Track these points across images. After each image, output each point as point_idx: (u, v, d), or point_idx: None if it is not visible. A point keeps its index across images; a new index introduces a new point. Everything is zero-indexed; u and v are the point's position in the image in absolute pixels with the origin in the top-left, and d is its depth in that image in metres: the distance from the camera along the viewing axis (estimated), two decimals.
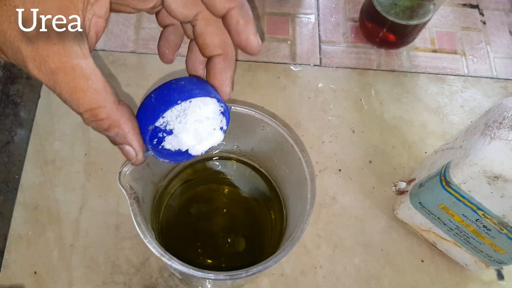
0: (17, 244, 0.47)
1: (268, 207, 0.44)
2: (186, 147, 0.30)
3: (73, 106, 0.24)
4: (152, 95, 0.27)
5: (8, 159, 0.51)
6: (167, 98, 0.27)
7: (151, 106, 0.27)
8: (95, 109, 0.24)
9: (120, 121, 0.25)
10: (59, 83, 0.23)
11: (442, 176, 0.42)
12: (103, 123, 0.25)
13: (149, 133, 0.27)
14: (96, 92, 0.24)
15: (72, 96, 0.24)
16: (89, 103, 0.24)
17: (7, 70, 0.54)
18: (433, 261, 0.50)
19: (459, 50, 0.63)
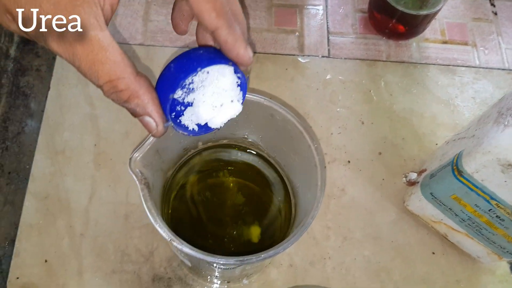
0: (28, 233, 0.48)
1: (276, 197, 0.44)
2: (205, 120, 0.30)
3: (92, 78, 0.25)
4: (171, 65, 0.27)
5: (19, 149, 0.51)
6: (187, 66, 0.27)
7: (170, 76, 0.27)
8: (114, 81, 0.24)
9: (139, 92, 0.25)
10: (78, 56, 0.24)
11: (454, 166, 0.41)
12: (123, 94, 0.25)
13: (170, 102, 0.27)
14: (114, 63, 0.24)
15: (91, 68, 0.24)
16: (108, 74, 0.24)
17: (17, 62, 0.54)
18: (444, 254, 0.50)
19: (470, 41, 0.62)
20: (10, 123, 0.52)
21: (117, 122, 0.53)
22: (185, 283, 0.47)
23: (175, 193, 0.43)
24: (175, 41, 0.58)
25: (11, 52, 0.53)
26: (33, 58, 0.55)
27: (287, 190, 0.43)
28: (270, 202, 0.44)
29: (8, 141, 0.51)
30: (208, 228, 0.44)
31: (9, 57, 0.53)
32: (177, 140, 0.39)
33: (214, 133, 0.42)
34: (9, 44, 0.53)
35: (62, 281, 0.46)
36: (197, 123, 0.30)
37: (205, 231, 0.44)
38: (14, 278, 0.46)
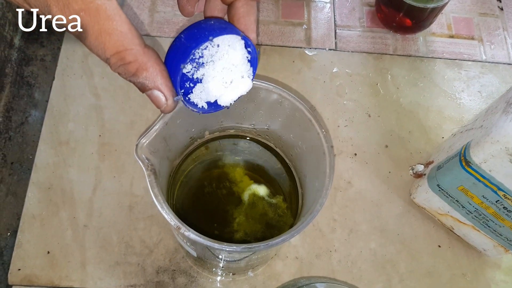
0: (30, 224, 0.47)
1: (283, 187, 0.43)
2: (214, 97, 0.29)
3: (99, 51, 0.24)
4: (182, 36, 0.27)
5: (22, 140, 0.51)
6: (198, 35, 0.26)
7: (181, 46, 0.26)
8: (122, 52, 0.24)
9: (148, 64, 0.25)
10: (84, 27, 0.23)
11: (462, 156, 0.41)
12: (131, 66, 0.24)
13: (180, 73, 0.26)
14: (121, 34, 0.23)
15: (97, 39, 0.23)
16: (115, 45, 0.23)
17: (22, 52, 0.54)
18: (450, 246, 0.50)
19: (476, 36, 0.62)
20: (13, 113, 0.51)
21: (122, 113, 0.53)
22: (189, 275, 0.46)
23: (180, 183, 0.43)
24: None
25: (15, 41, 0.53)
26: (37, 48, 0.55)
27: (294, 180, 0.42)
28: (277, 192, 0.44)
29: (11, 131, 0.51)
30: (214, 220, 0.43)
31: (14, 47, 0.53)
32: (183, 128, 0.39)
33: (220, 122, 0.42)
34: (14, 34, 0.53)
35: (65, 272, 0.45)
36: (207, 101, 0.29)
37: (211, 223, 0.43)
38: (15, 270, 0.45)
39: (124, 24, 0.23)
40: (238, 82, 0.29)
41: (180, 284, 0.46)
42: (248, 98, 0.38)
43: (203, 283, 0.46)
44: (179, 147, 0.41)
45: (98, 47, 0.23)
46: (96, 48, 0.23)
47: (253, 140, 0.44)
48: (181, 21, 0.58)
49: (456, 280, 0.48)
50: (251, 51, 0.29)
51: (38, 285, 0.45)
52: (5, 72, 0.51)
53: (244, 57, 0.28)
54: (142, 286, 0.45)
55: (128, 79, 0.25)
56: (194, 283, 0.46)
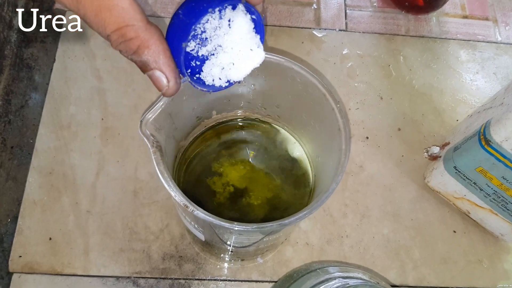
0: (31, 209, 0.46)
1: (295, 169, 0.42)
2: (224, 74, 0.27)
3: (99, 28, 0.23)
4: (179, 12, 0.25)
5: (22, 123, 0.49)
6: (196, 9, 0.24)
7: (180, 23, 0.24)
8: (123, 28, 0.22)
9: (150, 42, 0.23)
10: (82, 3, 0.22)
11: (482, 135, 0.39)
12: (132, 43, 0.23)
13: (183, 53, 0.25)
14: (122, 10, 0.22)
15: (97, 16, 0.22)
16: (116, 21, 0.22)
17: (21, 33, 0.52)
18: (466, 232, 0.48)
19: (490, 17, 0.60)
20: (13, 96, 0.49)
21: (125, 96, 0.51)
22: (196, 262, 0.45)
23: (187, 165, 0.41)
24: None
25: (14, 22, 0.51)
26: (37, 29, 0.53)
27: (306, 161, 0.41)
28: (288, 176, 0.42)
29: (11, 114, 0.49)
30: (222, 203, 0.42)
31: (13, 28, 0.51)
32: (190, 106, 0.37)
33: (228, 101, 0.40)
34: (13, 14, 0.51)
35: (67, 259, 0.44)
36: (217, 77, 0.28)
37: (219, 205, 0.41)
38: (16, 257, 0.44)
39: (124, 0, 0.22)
40: (248, 54, 0.27)
41: (186, 271, 0.44)
42: (257, 73, 0.36)
43: (211, 270, 0.45)
44: (186, 127, 0.39)
45: (98, 24, 0.22)
46: (97, 25, 0.22)
47: (262, 122, 0.42)
48: None
49: (472, 266, 0.46)
50: (255, 18, 0.27)
51: (40, 272, 0.43)
52: (4, 54, 0.50)
53: (250, 26, 0.27)
54: (148, 273, 0.44)
55: (130, 57, 0.24)
56: (201, 269, 0.44)
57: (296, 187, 0.42)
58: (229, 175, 0.43)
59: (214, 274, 0.44)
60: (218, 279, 0.44)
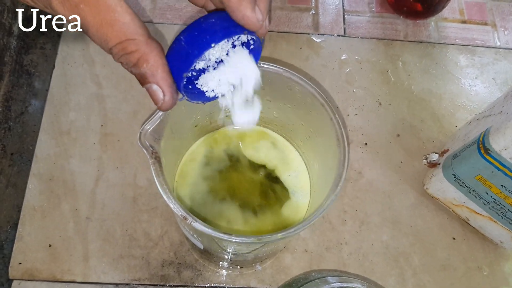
0: (31, 216, 0.46)
1: (291, 176, 0.42)
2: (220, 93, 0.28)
3: (101, 42, 0.23)
4: (182, 38, 0.25)
5: (22, 130, 0.49)
6: (199, 40, 0.24)
7: (181, 50, 0.25)
8: (124, 42, 0.23)
9: (149, 56, 0.24)
10: (84, 18, 0.22)
11: (481, 144, 0.39)
12: (132, 56, 0.23)
13: (184, 81, 0.25)
14: (124, 25, 0.23)
15: (98, 31, 0.23)
16: (118, 36, 0.23)
17: (21, 40, 0.52)
18: (465, 239, 0.48)
19: (489, 21, 0.60)
20: (13, 103, 0.50)
21: (125, 102, 0.51)
22: (195, 269, 0.45)
23: (186, 175, 0.41)
24: (184, 19, 0.56)
25: (14, 29, 0.51)
26: (37, 36, 0.53)
27: (304, 169, 0.41)
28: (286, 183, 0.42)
29: (11, 121, 0.49)
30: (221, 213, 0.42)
31: (13, 34, 0.51)
32: (188, 116, 0.37)
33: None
34: (13, 21, 0.51)
35: (67, 266, 0.44)
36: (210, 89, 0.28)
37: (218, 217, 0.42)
38: (16, 264, 0.44)
39: (126, 15, 0.23)
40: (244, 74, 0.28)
41: (185, 277, 0.44)
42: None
43: (209, 277, 0.45)
44: (185, 136, 0.39)
45: (100, 38, 0.23)
46: (99, 40, 0.23)
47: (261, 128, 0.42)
48: (184, 7, 0.56)
49: (471, 273, 0.47)
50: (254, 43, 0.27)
51: (40, 279, 0.43)
52: (4, 60, 0.50)
53: (248, 54, 0.27)
54: (147, 280, 0.44)
55: (130, 69, 0.25)
56: (200, 276, 0.45)
57: (294, 195, 0.42)
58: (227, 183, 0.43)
59: (213, 281, 0.45)
60: (217, 286, 0.44)
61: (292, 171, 0.41)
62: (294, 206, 0.40)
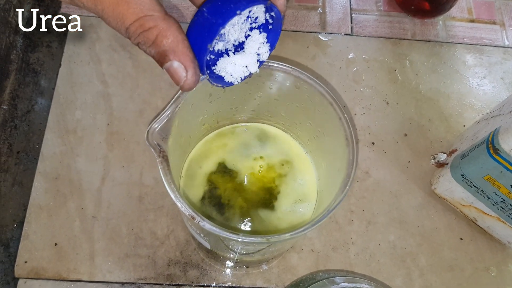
0: (37, 214, 0.46)
1: (299, 175, 0.41)
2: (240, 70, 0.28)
3: (118, 22, 0.23)
4: (204, 9, 0.24)
5: (28, 128, 0.49)
6: (223, 9, 0.24)
7: (205, 22, 0.24)
8: (141, 18, 0.22)
9: (168, 31, 0.23)
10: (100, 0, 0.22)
11: (490, 144, 0.39)
12: (150, 33, 0.23)
13: (208, 53, 0.24)
14: (140, 1, 0.22)
15: (115, 10, 0.22)
16: (135, 12, 0.22)
17: (27, 38, 0.52)
18: (473, 239, 0.47)
19: (498, 20, 0.59)
20: (19, 101, 0.50)
21: (131, 101, 0.51)
22: (201, 268, 0.45)
23: (193, 173, 0.41)
24: (189, 18, 0.55)
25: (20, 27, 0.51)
26: (43, 34, 0.53)
27: (311, 168, 0.40)
28: (293, 182, 0.42)
29: (17, 119, 0.49)
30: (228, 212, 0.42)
31: (19, 33, 0.51)
32: (196, 114, 0.37)
33: (234, 109, 0.40)
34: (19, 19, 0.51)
35: (73, 265, 0.44)
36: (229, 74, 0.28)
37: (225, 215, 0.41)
38: (22, 262, 0.44)
39: None
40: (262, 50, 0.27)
41: (191, 277, 0.44)
42: (264, 82, 0.36)
43: (216, 276, 0.44)
44: (192, 135, 0.39)
45: (116, 18, 0.22)
46: (115, 20, 0.22)
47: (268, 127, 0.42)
48: (190, 5, 0.56)
49: (479, 274, 0.46)
50: (274, 16, 0.26)
51: (45, 278, 0.43)
52: (10, 59, 0.50)
53: (269, 25, 0.27)
54: (153, 279, 0.44)
55: (148, 50, 0.24)
56: (206, 276, 0.44)
57: (302, 194, 0.41)
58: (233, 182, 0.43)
59: (219, 281, 0.44)
60: (223, 285, 0.44)
61: (299, 171, 0.41)
62: (301, 206, 0.40)
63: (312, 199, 0.40)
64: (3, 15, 0.48)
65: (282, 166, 0.43)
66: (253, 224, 0.40)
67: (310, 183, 0.41)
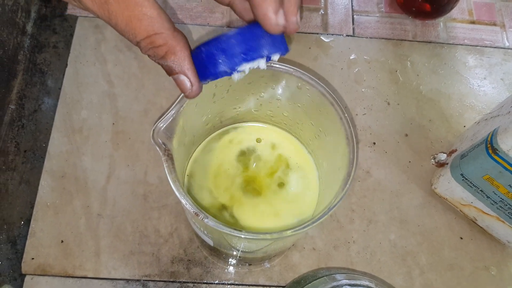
0: (44, 212, 0.46)
1: (300, 175, 0.42)
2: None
3: (130, 36, 0.24)
4: (215, 51, 0.26)
5: (35, 128, 0.50)
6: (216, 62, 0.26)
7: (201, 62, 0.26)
8: (152, 36, 0.24)
9: (176, 48, 0.25)
10: (113, 13, 0.24)
11: (489, 144, 0.39)
12: (160, 50, 0.25)
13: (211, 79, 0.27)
14: (151, 19, 0.24)
15: (127, 25, 0.24)
16: (146, 30, 0.24)
17: (34, 39, 0.53)
18: (473, 239, 0.48)
19: (498, 22, 0.60)
20: (26, 101, 0.50)
21: (136, 101, 0.52)
22: (204, 266, 0.45)
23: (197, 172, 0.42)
24: (195, 19, 0.56)
25: (27, 28, 0.52)
26: (50, 35, 0.54)
27: (313, 168, 0.41)
28: (295, 182, 0.43)
29: (24, 119, 0.50)
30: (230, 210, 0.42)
31: (26, 33, 0.52)
32: (200, 114, 0.38)
33: (237, 109, 0.41)
34: (26, 20, 0.52)
35: (79, 262, 0.45)
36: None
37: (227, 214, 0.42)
38: (29, 259, 0.45)
39: (153, 9, 0.24)
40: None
41: (195, 274, 0.45)
42: (266, 82, 0.37)
43: (218, 274, 0.45)
44: (195, 134, 0.40)
45: (129, 32, 0.24)
46: (127, 34, 0.24)
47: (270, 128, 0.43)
48: (194, 7, 0.57)
49: (479, 273, 0.47)
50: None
51: (52, 274, 0.44)
52: (17, 59, 0.51)
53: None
54: (157, 276, 0.45)
55: (157, 61, 0.26)
56: (209, 273, 0.45)
57: (302, 192, 0.42)
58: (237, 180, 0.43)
59: (222, 278, 0.45)
60: (225, 283, 0.45)
61: (301, 170, 0.42)
62: (303, 204, 0.41)
63: (314, 198, 0.41)
64: (11, 16, 0.49)
65: (283, 166, 0.43)
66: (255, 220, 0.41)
67: (312, 181, 0.41)
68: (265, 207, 0.41)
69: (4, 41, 0.48)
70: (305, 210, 0.41)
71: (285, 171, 0.42)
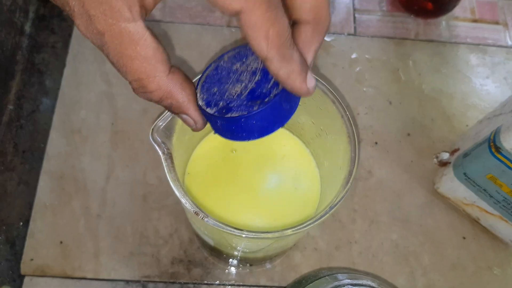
0: (42, 213, 0.46)
1: (301, 173, 0.42)
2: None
3: (121, 72, 0.22)
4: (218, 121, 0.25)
5: (33, 128, 0.50)
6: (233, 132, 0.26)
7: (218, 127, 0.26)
8: (144, 80, 0.22)
9: (173, 92, 0.23)
10: (106, 45, 0.21)
11: (491, 142, 0.39)
12: (154, 95, 0.23)
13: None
14: (144, 60, 0.21)
15: (119, 62, 0.22)
16: (137, 72, 0.22)
17: (33, 39, 0.53)
18: (476, 238, 0.48)
19: (501, 20, 0.59)
20: (24, 101, 0.50)
21: (135, 100, 0.51)
22: (205, 266, 0.45)
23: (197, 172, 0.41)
24: (194, 18, 0.56)
25: (26, 28, 0.52)
26: (48, 35, 0.54)
27: (314, 166, 0.41)
28: (296, 180, 0.42)
29: (22, 119, 0.49)
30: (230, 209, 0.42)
31: (24, 33, 0.52)
32: None
33: None
34: (24, 20, 0.52)
35: (78, 263, 0.44)
36: None
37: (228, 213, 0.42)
38: (28, 260, 0.44)
39: (148, 49, 0.21)
40: None
41: (195, 275, 0.45)
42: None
43: (219, 274, 0.45)
44: (195, 133, 0.39)
45: (120, 68, 0.22)
46: (118, 69, 0.22)
47: None
48: (194, 6, 0.56)
49: (482, 273, 0.46)
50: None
51: (51, 275, 0.44)
52: (16, 59, 0.50)
53: None
54: (157, 277, 0.44)
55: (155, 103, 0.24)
56: (210, 274, 0.45)
57: (303, 192, 0.42)
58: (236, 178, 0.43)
59: (223, 279, 0.45)
60: (226, 283, 0.45)
61: (302, 169, 0.41)
62: (304, 204, 0.40)
63: (315, 197, 0.41)
64: (9, 16, 0.49)
65: (284, 165, 0.43)
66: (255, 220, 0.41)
67: (313, 180, 0.41)
68: (266, 206, 0.40)
69: (2, 41, 0.48)
70: (306, 209, 0.40)
71: (286, 170, 0.42)
